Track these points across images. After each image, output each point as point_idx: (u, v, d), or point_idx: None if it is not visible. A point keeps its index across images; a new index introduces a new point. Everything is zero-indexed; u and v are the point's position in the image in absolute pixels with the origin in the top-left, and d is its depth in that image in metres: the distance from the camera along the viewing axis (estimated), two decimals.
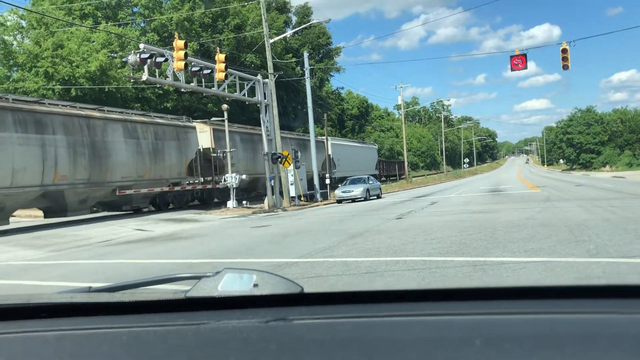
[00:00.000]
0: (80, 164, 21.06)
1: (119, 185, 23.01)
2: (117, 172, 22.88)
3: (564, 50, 25.68)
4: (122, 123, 23.66)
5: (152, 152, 24.93)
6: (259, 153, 29.83)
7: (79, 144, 21.00)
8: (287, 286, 1.25)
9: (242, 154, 32.05)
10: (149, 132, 25.01)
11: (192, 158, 27.74)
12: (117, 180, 22.91)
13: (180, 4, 44.79)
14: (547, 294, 1.19)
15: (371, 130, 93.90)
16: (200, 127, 29.79)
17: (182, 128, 27.56)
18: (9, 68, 37.45)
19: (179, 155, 26.76)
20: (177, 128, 27.16)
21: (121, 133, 23.30)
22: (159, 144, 25.50)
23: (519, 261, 7.49)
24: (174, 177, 26.51)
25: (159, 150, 25.44)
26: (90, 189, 21.80)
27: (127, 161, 23.43)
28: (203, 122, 30.34)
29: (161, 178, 25.58)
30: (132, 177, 23.74)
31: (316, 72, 62.12)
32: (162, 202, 26.35)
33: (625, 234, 9.50)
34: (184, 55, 20.27)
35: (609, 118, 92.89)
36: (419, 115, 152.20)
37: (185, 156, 27.27)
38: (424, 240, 10.37)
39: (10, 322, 1.27)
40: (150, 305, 1.30)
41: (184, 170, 27.17)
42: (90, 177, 21.56)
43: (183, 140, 27.18)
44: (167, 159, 25.97)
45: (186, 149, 27.33)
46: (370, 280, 6.87)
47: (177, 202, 27.32)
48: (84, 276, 9.10)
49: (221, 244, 13.01)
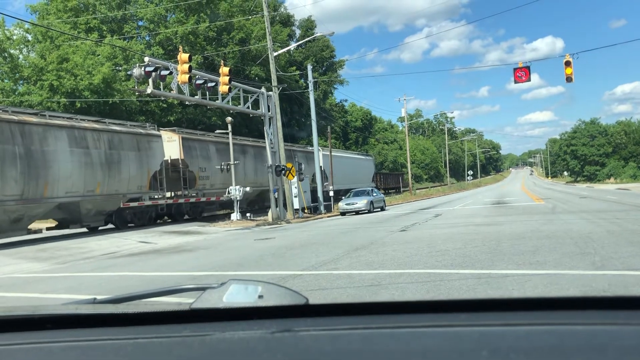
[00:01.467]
0: (10, 177, 18.24)
1: (63, 201, 20.37)
2: (59, 187, 19.97)
3: (567, 62, 25.72)
4: (68, 130, 20.60)
5: (105, 163, 22.01)
6: (239, 165, 28.79)
7: (8, 154, 18.16)
8: (292, 298, 1.25)
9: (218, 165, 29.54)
10: (102, 141, 22.03)
11: (157, 170, 25.23)
12: (61, 195, 20.09)
13: (185, 17, 45.15)
14: (553, 305, 1.18)
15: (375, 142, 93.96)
16: (167, 135, 27.32)
17: (145, 136, 24.68)
18: (15, 81, 37.72)
19: (139, 166, 23.89)
20: (138, 136, 24.27)
21: (66, 141, 20.30)
22: (114, 154, 22.58)
23: (524, 274, 7.45)
24: (133, 192, 23.67)
25: (114, 162, 22.54)
26: (25, 206, 19.03)
27: (72, 174, 20.47)
28: (172, 131, 28.13)
29: (117, 193, 22.73)
30: (79, 192, 20.86)
31: (320, 84, 62.40)
32: (120, 220, 23.59)
33: (631, 247, 9.45)
34: (189, 68, 20.40)
35: (612, 130, 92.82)
36: (422, 127, 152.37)
37: (148, 168, 24.53)
38: (428, 253, 10.33)
39: (15, 333, 1.27)
40: (155, 316, 1.29)
41: (146, 183, 24.44)
42: (24, 193, 18.78)
43: (145, 150, 24.38)
44: (124, 171, 23.07)
45: (149, 159, 24.56)
46: (374, 293, 6.84)
47: (138, 220, 24.57)
48: (88, 288, 9.10)
49: (225, 256, 12.99)
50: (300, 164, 31.42)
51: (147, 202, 24.61)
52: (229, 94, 24.01)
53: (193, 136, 29.09)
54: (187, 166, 27.44)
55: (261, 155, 32.91)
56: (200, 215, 29.11)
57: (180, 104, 38.77)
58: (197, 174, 28.13)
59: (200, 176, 28.41)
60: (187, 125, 39.32)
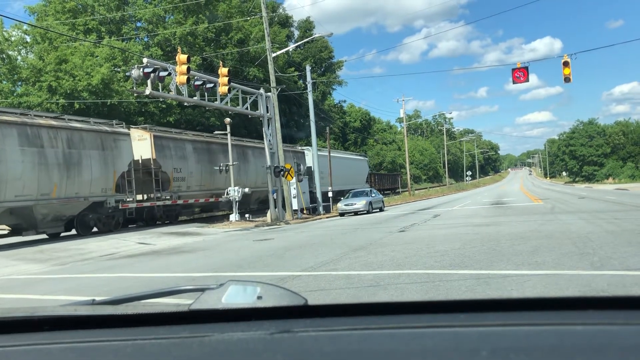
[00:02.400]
0: None
1: (14, 205, 18.47)
2: (8, 189, 18.12)
3: (565, 62, 25.75)
4: (19, 127, 18.65)
5: (63, 164, 19.94)
6: (219, 165, 27.73)
7: None
8: (291, 298, 1.25)
9: (195, 166, 28.14)
10: (60, 139, 19.94)
11: (125, 171, 23.21)
12: (10, 199, 18.21)
13: (184, 18, 45.14)
14: (552, 305, 1.18)
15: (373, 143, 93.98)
16: (138, 133, 25.45)
17: (110, 135, 22.56)
18: (14, 83, 37.69)
19: (103, 167, 21.88)
20: (102, 134, 22.15)
21: (15, 139, 18.40)
22: (74, 153, 20.48)
23: (523, 274, 7.45)
24: (97, 195, 21.63)
25: (74, 162, 20.44)
26: None
27: (23, 175, 18.56)
28: (143, 129, 26.18)
29: (77, 196, 20.71)
30: (32, 196, 18.94)
31: (318, 85, 62.41)
32: (82, 226, 21.59)
33: (629, 247, 9.46)
34: (187, 69, 20.40)
35: (611, 130, 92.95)
36: (421, 128, 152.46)
37: (114, 169, 22.52)
38: (427, 253, 10.33)
39: (14, 335, 1.27)
40: (154, 317, 1.29)
41: (112, 185, 22.47)
42: None
43: (111, 149, 22.35)
44: (85, 173, 20.97)
45: (115, 159, 22.58)
46: (373, 294, 6.84)
47: (103, 225, 22.53)
48: (87, 290, 9.09)
49: (224, 257, 12.98)
50: (298, 164, 31.41)
51: (113, 206, 22.57)
52: (227, 95, 24.01)
53: (167, 134, 27.26)
54: (159, 167, 25.56)
55: (244, 155, 31.94)
56: (176, 219, 27.58)
57: (179, 105, 38.76)
58: (171, 175, 26.31)
59: (174, 177, 26.57)
60: (186, 126, 39.29)
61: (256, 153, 32.95)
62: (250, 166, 32.41)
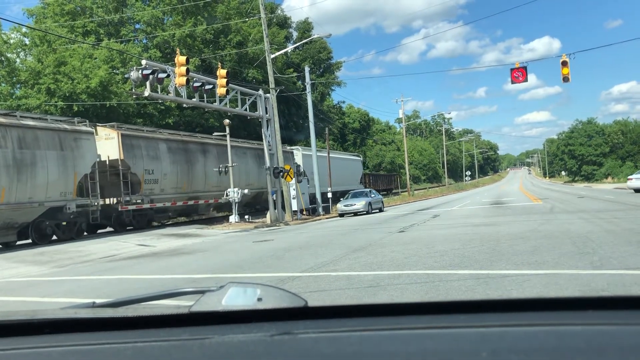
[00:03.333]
0: None
1: None
2: None
3: (564, 62, 25.77)
4: None
5: (12, 165, 18.10)
6: (198, 166, 26.99)
7: None
8: (291, 300, 1.25)
9: (170, 167, 26.30)
10: (9, 138, 18.13)
11: (88, 173, 21.27)
12: None
13: (182, 20, 45.15)
14: (552, 305, 1.18)
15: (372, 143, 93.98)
16: (105, 132, 23.71)
17: (70, 133, 20.49)
18: (12, 85, 37.69)
19: (62, 169, 19.87)
20: (61, 133, 20.15)
21: None
22: (27, 154, 18.64)
23: (522, 274, 7.46)
24: (55, 199, 19.60)
25: (26, 163, 18.60)
26: None
27: None
28: (110, 127, 24.33)
29: (31, 201, 18.80)
30: None
31: (317, 86, 62.41)
32: (38, 234, 19.57)
33: (629, 246, 9.46)
34: (186, 71, 20.41)
35: (610, 130, 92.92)
36: (420, 128, 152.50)
37: (75, 170, 20.51)
38: (427, 254, 10.34)
39: (14, 338, 1.26)
40: (154, 320, 1.29)
41: (72, 189, 20.43)
42: None
43: (71, 149, 20.33)
44: (40, 175, 19.03)
45: (76, 160, 20.57)
46: (373, 294, 6.84)
47: (63, 233, 20.58)
48: (87, 292, 9.08)
49: (224, 258, 12.98)
50: (298, 165, 31.37)
51: (75, 211, 20.64)
52: (226, 96, 24.01)
53: (137, 133, 25.30)
54: (128, 168, 23.70)
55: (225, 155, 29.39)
56: (148, 224, 25.65)
57: (178, 106, 38.73)
58: (142, 176, 24.37)
59: (146, 179, 24.66)
60: (185, 127, 39.26)
61: (239, 153, 31.02)
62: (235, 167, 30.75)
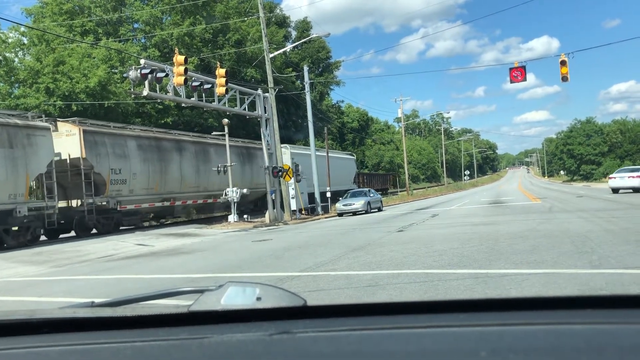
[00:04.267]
0: None
1: None
2: None
3: (562, 62, 25.78)
4: None
5: None
6: (172, 164, 26.01)
7: None
8: (290, 299, 1.25)
9: (141, 166, 24.45)
10: None
11: (43, 173, 19.61)
12: None
13: (181, 19, 45.11)
14: (551, 305, 1.18)
15: (371, 143, 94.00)
16: (66, 128, 21.82)
17: (22, 129, 18.79)
18: (11, 84, 37.66)
19: (11, 168, 18.13)
20: (11, 129, 18.36)
21: None
22: None
23: (521, 273, 7.46)
24: (2, 202, 17.97)
25: None
26: None
27: None
28: (72, 122, 22.33)
29: None
30: None
31: (316, 85, 62.39)
32: None
33: (628, 245, 9.47)
34: (184, 70, 20.39)
35: (608, 129, 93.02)
36: (419, 128, 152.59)
37: (27, 170, 18.80)
38: (426, 253, 10.34)
39: (12, 337, 1.26)
40: (153, 319, 1.29)
41: (24, 190, 18.69)
42: None
43: (22, 146, 18.60)
44: None
45: (29, 159, 18.82)
46: (372, 293, 6.85)
47: (13, 239, 18.65)
48: (85, 292, 9.07)
49: (222, 258, 12.97)
50: (297, 165, 31.36)
51: (26, 215, 18.78)
52: (225, 95, 24.00)
53: (102, 129, 23.17)
54: (91, 167, 21.80)
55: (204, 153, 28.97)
56: (116, 228, 23.73)
57: (176, 106, 38.70)
58: (107, 176, 22.53)
59: (112, 180, 22.79)
60: (183, 127, 39.23)
61: (220, 151, 28.98)
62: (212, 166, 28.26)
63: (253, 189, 30.35)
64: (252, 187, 30.43)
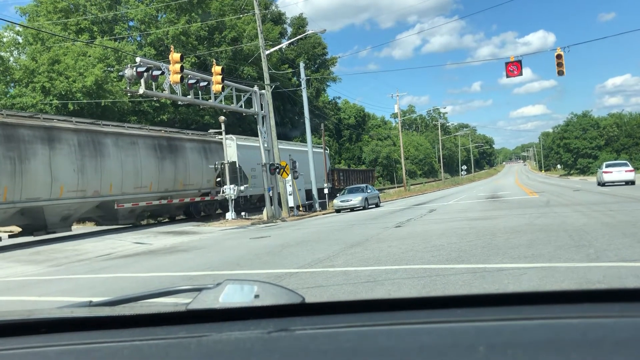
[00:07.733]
0: None
1: None
2: None
3: (558, 55, 25.81)
4: None
5: None
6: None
7: None
8: (288, 296, 1.25)
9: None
10: None
11: None
12: None
13: (177, 17, 44.97)
14: (549, 299, 1.19)
15: (368, 139, 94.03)
16: None
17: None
18: (7, 84, 37.51)
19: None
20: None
21: None
22: None
23: (519, 267, 7.48)
24: None
25: None
26: None
27: None
28: None
29: None
30: None
31: (312, 82, 62.30)
32: None
33: (624, 238, 9.50)
34: (180, 68, 20.34)
35: (605, 123, 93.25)
36: (415, 123, 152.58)
37: None
38: (424, 248, 10.35)
39: (10, 338, 1.26)
40: (151, 318, 1.29)
41: None
42: None
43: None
44: None
45: None
46: (370, 289, 6.85)
47: None
48: (83, 291, 9.07)
49: (220, 255, 12.97)
50: (294, 162, 31.32)
51: None
52: (221, 93, 23.97)
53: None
54: None
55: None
56: None
57: (173, 103, 38.65)
58: None
59: None
60: (180, 125, 39.15)
61: (124, 143, 24.12)
62: None
63: (176, 192, 26.31)
64: (176, 189, 26.53)
